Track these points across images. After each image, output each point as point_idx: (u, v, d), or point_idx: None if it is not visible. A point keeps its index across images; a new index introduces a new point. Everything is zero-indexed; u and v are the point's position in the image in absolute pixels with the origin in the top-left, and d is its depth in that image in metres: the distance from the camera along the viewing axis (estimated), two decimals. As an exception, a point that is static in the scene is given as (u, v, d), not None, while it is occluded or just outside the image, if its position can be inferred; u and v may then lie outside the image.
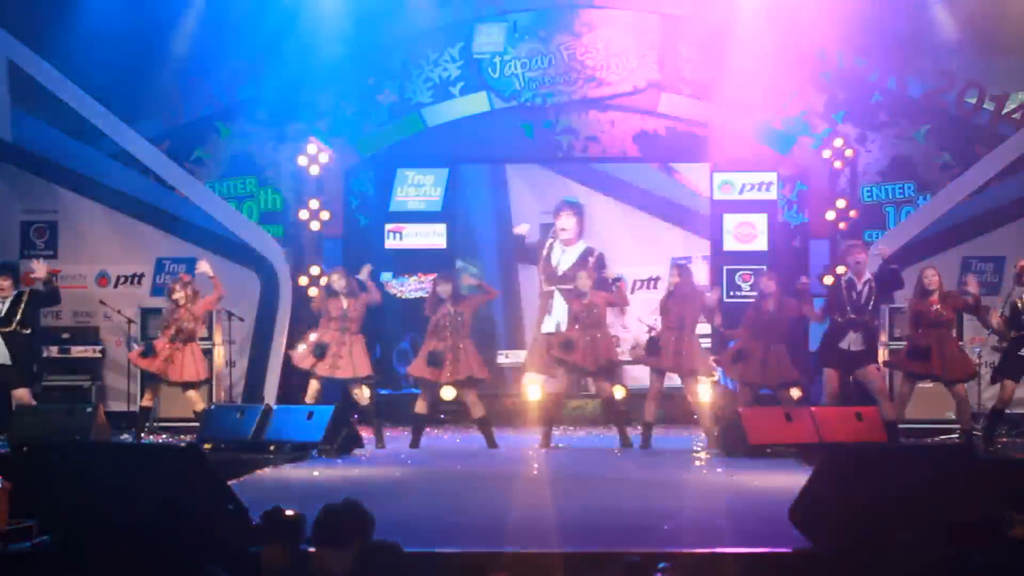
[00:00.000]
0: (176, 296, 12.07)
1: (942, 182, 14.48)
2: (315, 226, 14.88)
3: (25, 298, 11.97)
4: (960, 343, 12.03)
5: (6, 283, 11.87)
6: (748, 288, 14.43)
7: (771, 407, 11.71)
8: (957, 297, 11.53)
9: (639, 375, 13.26)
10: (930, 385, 11.89)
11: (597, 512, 7.86)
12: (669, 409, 13.54)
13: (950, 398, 11.63)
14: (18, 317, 11.80)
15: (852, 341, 11.37)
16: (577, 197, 15.06)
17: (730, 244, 15.09)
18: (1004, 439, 11.90)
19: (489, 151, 15.28)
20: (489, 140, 15.23)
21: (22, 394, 11.89)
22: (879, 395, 11.56)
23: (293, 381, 13.90)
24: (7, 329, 11.79)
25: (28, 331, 11.90)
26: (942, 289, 11.47)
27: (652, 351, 11.83)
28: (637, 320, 13.59)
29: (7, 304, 11.83)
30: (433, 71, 15.24)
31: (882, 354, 12.53)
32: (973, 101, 14.66)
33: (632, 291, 14.72)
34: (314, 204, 14.84)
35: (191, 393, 12.07)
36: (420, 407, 12.00)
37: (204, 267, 12.24)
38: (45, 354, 13.47)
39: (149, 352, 12.06)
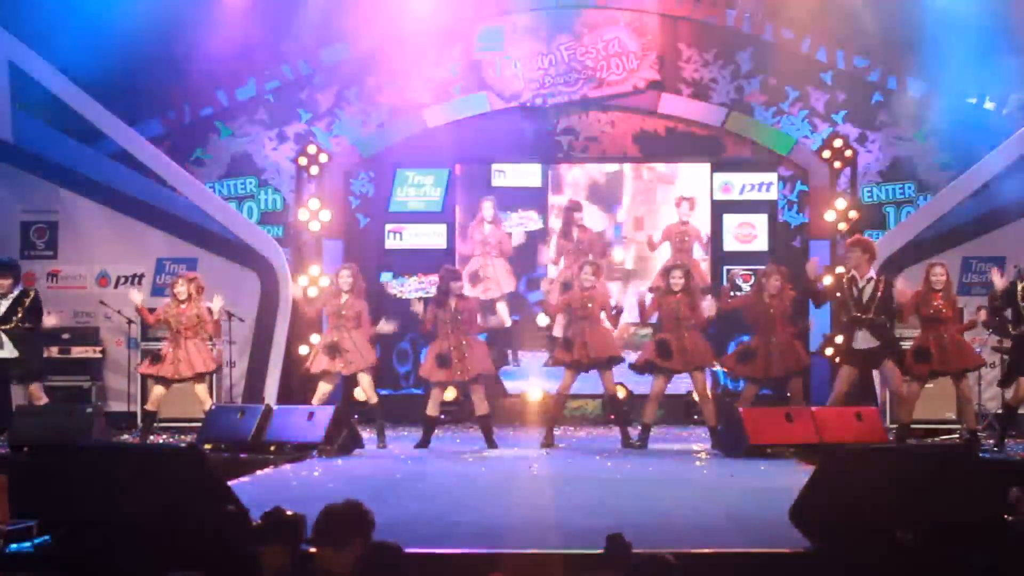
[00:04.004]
0: (178, 290, 12.08)
1: (942, 182, 14.49)
2: (315, 226, 14.89)
3: (28, 298, 11.95)
4: (963, 336, 11.93)
5: (6, 282, 11.87)
6: (748, 288, 14.42)
7: (771, 407, 11.70)
8: (955, 300, 11.57)
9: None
10: (931, 385, 11.87)
11: (597, 512, 7.85)
12: (669, 409, 13.55)
13: (951, 398, 11.61)
14: (18, 315, 11.82)
15: (863, 339, 11.31)
16: (576, 197, 15.09)
17: (730, 244, 15.10)
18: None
19: (489, 151, 15.28)
20: (489, 140, 15.24)
21: (34, 389, 11.92)
22: (897, 395, 11.50)
23: (293, 381, 13.92)
24: (8, 326, 11.80)
25: (29, 327, 11.89)
26: (948, 288, 11.47)
27: (663, 355, 11.79)
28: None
29: (9, 302, 11.84)
30: (433, 71, 15.24)
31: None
32: (973, 101, 14.66)
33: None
34: (314, 204, 14.85)
35: (201, 392, 12.06)
36: (431, 408, 11.98)
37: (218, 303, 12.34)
38: (45, 354, 13.44)
39: (157, 360, 12.08)
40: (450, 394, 13.19)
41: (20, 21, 13.91)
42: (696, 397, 12.12)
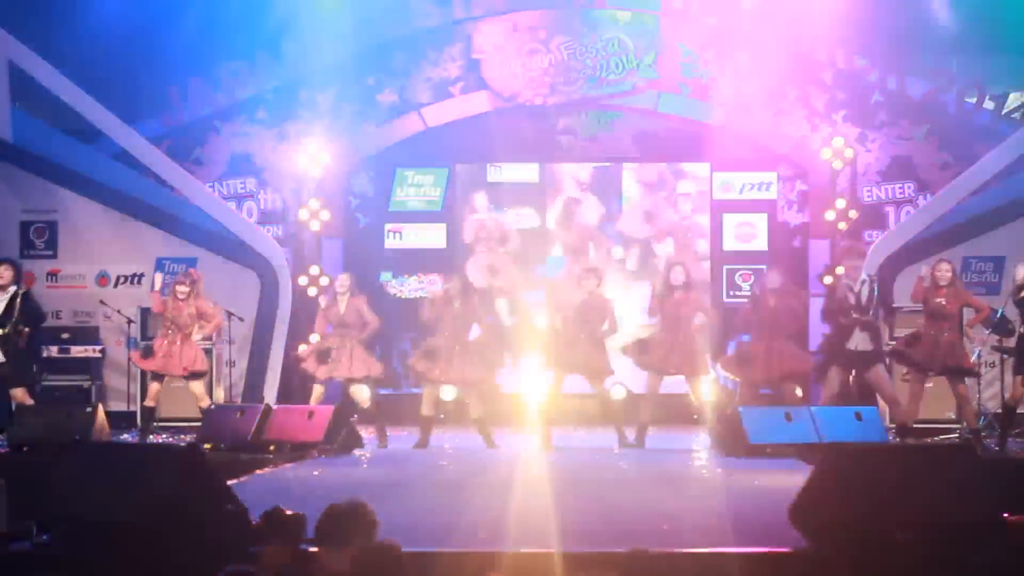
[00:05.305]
0: (179, 289, 12.04)
1: (942, 182, 14.48)
2: (315, 226, 14.88)
3: (20, 300, 11.64)
4: (962, 338, 11.89)
5: (7, 273, 11.69)
6: (748, 288, 14.42)
7: (771, 407, 11.69)
8: (964, 294, 11.45)
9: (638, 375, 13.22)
10: (931, 384, 11.85)
11: (597, 512, 7.85)
12: (669, 409, 13.52)
13: (951, 398, 11.60)
14: (14, 318, 11.62)
15: (859, 341, 11.29)
16: (576, 197, 15.10)
17: (730, 244, 15.11)
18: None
19: (489, 150, 15.27)
20: (489, 139, 15.23)
21: (19, 393, 11.79)
22: (889, 401, 11.51)
23: (293, 381, 13.92)
24: (2, 331, 11.52)
25: (27, 330, 11.67)
26: (954, 285, 11.34)
27: (643, 351, 11.82)
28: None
29: (3, 304, 11.63)
30: (433, 71, 15.24)
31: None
32: (973, 101, 14.66)
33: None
34: (314, 204, 14.84)
35: (197, 389, 12.01)
36: (427, 408, 11.97)
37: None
38: (45, 354, 13.46)
39: (148, 353, 12.09)
40: (449, 394, 13.18)
41: (20, 21, 13.91)
42: (694, 399, 12.11)
